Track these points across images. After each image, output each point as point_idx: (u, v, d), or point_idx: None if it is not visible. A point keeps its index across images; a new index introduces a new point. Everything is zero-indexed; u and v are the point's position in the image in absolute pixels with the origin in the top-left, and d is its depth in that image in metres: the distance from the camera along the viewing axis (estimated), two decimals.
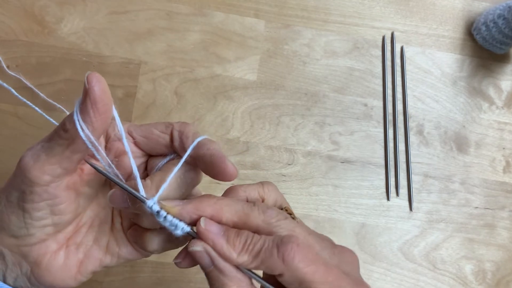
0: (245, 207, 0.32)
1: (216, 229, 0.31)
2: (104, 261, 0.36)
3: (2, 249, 0.33)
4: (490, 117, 0.67)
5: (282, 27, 0.65)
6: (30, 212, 0.32)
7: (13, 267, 0.34)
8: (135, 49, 0.63)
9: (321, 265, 0.30)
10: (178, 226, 0.31)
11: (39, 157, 0.31)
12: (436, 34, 0.67)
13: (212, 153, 0.33)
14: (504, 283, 0.64)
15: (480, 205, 0.65)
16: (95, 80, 0.30)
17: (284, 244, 0.30)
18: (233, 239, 0.31)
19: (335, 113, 0.65)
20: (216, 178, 0.33)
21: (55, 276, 0.34)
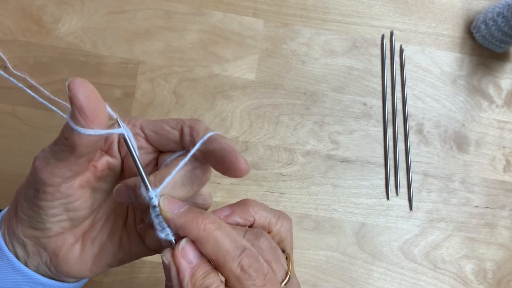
0: (229, 249, 0.30)
1: (190, 259, 0.30)
2: (118, 256, 0.37)
3: (24, 239, 0.34)
4: (490, 115, 0.67)
5: (281, 26, 0.65)
6: (45, 209, 0.33)
7: (33, 255, 0.35)
8: (133, 48, 0.62)
9: None
10: (164, 230, 0.31)
11: (49, 160, 0.31)
12: (435, 33, 0.67)
13: (223, 147, 0.31)
14: (505, 282, 0.64)
15: (480, 204, 0.65)
16: (76, 87, 0.28)
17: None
18: (197, 277, 0.30)
19: (334, 112, 0.64)
20: (227, 174, 0.32)
21: (71, 266, 0.35)
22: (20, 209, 0.34)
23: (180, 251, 0.30)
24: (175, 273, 0.30)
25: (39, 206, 0.33)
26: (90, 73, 0.61)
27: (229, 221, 0.34)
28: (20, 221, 0.34)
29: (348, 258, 0.62)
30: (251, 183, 0.62)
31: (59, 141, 0.31)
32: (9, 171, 0.59)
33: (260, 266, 0.30)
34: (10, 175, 0.59)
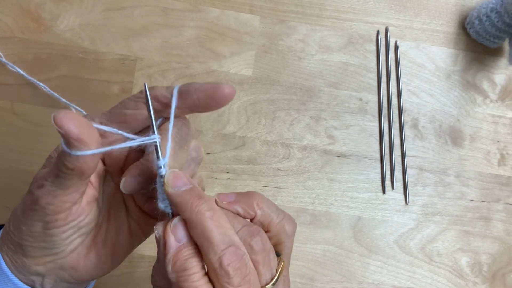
0: (215, 243, 0.29)
1: (179, 237, 0.30)
2: (133, 243, 0.38)
3: (37, 268, 0.35)
4: (484, 110, 0.67)
5: (277, 22, 0.65)
6: (59, 235, 0.33)
7: (49, 276, 0.35)
8: (131, 45, 0.63)
9: None
10: (164, 201, 0.31)
11: (55, 193, 0.31)
12: (430, 29, 0.68)
13: (197, 88, 0.32)
14: (500, 275, 0.65)
15: (475, 198, 0.66)
16: (64, 121, 0.27)
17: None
18: (178, 257, 0.30)
19: (330, 107, 0.65)
20: (216, 105, 0.32)
21: (92, 273, 0.36)
22: (27, 245, 0.33)
23: (171, 227, 0.30)
24: (162, 247, 0.30)
25: (51, 234, 0.33)
26: (88, 70, 0.62)
27: (230, 208, 0.34)
28: (29, 255, 0.34)
29: (344, 251, 0.63)
30: (248, 178, 0.62)
31: (61, 173, 0.30)
32: (7, 167, 0.60)
33: (242, 266, 0.29)
34: (8, 171, 0.60)
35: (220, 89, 0.32)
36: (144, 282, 0.60)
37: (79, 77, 0.62)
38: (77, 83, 0.62)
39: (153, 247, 0.60)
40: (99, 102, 0.61)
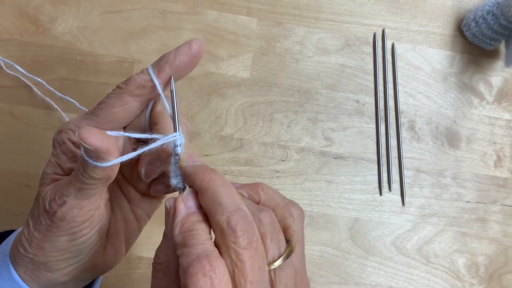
0: (223, 205, 0.29)
1: (189, 205, 0.30)
2: (141, 226, 0.40)
3: (63, 278, 0.36)
4: (481, 112, 0.68)
5: (275, 25, 0.66)
6: (85, 242, 0.34)
7: (72, 281, 0.37)
8: (129, 47, 0.63)
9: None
10: (177, 177, 0.33)
11: (80, 205, 0.32)
12: (427, 31, 0.68)
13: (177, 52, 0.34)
14: (497, 276, 0.65)
15: (472, 199, 0.66)
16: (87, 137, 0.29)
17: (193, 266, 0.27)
18: (187, 221, 0.29)
19: (327, 109, 0.65)
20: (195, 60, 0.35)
21: (111, 263, 0.38)
22: (52, 261, 0.34)
23: (182, 197, 0.31)
24: (172, 214, 0.30)
25: (78, 244, 0.34)
26: (86, 72, 0.62)
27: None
28: (55, 270, 0.35)
29: (342, 253, 0.63)
30: (246, 180, 0.63)
31: (87, 185, 0.31)
32: (5, 170, 0.60)
33: (249, 229, 0.28)
34: (5, 173, 0.60)
35: (193, 43, 0.34)
36: (142, 284, 0.60)
37: (77, 79, 0.62)
38: (75, 86, 0.62)
39: (151, 248, 0.60)
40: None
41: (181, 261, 0.27)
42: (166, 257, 0.30)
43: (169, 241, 0.30)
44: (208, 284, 0.26)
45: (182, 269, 0.27)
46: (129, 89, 0.34)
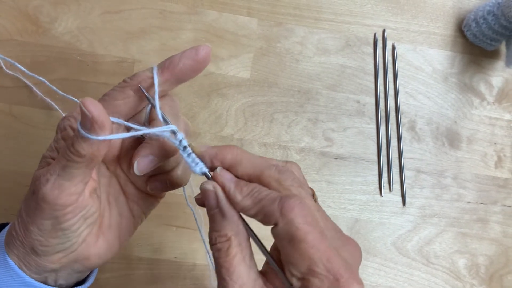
0: (263, 163, 0.33)
1: (229, 176, 0.33)
2: (136, 223, 0.40)
3: (52, 266, 0.36)
4: (482, 112, 0.67)
5: (275, 25, 0.66)
6: (69, 228, 0.34)
7: (64, 270, 0.37)
8: (129, 48, 0.63)
9: (317, 231, 0.30)
10: (198, 165, 0.33)
11: (62, 186, 0.32)
12: (427, 31, 0.68)
13: (182, 55, 0.36)
14: (497, 277, 0.65)
15: (472, 200, 0.66)
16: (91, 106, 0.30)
17: (287, 198, 0.30)
18: (242, 185, 0.32)
19: (328, 110, 0.65)
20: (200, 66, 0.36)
21: (103, 257, 0.38)
22: (38, 245, 0.34)
23: (220, 173, 0.33)
24: (220, 191, 0.32)
25: (62, 229, 0.34)
26: (86, 72, 0.62)
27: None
28: (42, 254, 0.35)
29: None
30: None
31: (70, 162, 0.32)
32: (5, 170, 0.60)
33: (294, 176, 0.33)
34: (5, 173, 0.60)
35: (200, 49, 0.35)
36: (143, 284, 0.60)
37: (77, 79, 0.62)
38: (75, 86, 0.62)
39: (151, 249, 0.60)
40: None
41: (268, 210, 0.30)
42: (231, 231, 0.32)
43: (227, 215, 0.32)
44: (307, 208, 0.30)
45: (275, 215, 0.30)
46: (132, 84, 0.36)
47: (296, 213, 0.29)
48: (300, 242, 0.29)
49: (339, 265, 0.29)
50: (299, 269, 0.29)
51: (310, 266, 0.29)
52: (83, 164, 0.32)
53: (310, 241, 0.29)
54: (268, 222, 0.30)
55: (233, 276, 0.31)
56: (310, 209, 0.30)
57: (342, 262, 0.29)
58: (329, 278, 0.29)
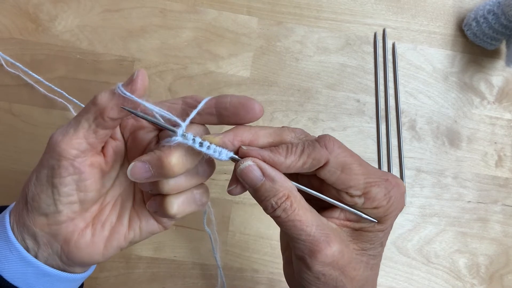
0: (276, 129, 0.35)
1: (258, 148, 0.34)
2: (128, 237, 0.38)
3: (35, 229, 0.35)
4: (482, 112, 0.67)
5: (275, 24, 0.66)
6: (58, 187, 0.34)
7: (44, 246, 0.36)
8: (128, 46, 0.63)
9: (352, 153, 0.34)
10: (222, 153, 0.34)
11: (67, 132, 0.34)
12: (427, 31, 0.68)
13: (234, 95, 0.35)
14: (498, 277, 0.65)
15: (472, 199, 0.66)
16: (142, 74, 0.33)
17: (322, 137, 0.34)
18: (276, 149, 0.34)
19: (328, 109, 0.65)
20: (244, 113, 0.35)
21: (83, 252, 0.37)
22: (30, 197, 0.35)
23: (248, 150, 0.34)
24: (260, 161, 0.33)
25: (52, 184, 0.34)
26: (86, 71, 0.62)
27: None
28: (31, 210, 0.35)
29: None
30: None
31: (82, 111, 0.34)
32: (5, 168, 0.60)
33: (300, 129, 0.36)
34: (5, 171, 0.60)
35: (252, 101, 0.35)
36: (142, 283, 0.60)
37: (78, 78, 0.62)
38: (76, 84, 0.62)
39: (151, 248, 0.60)
40: None
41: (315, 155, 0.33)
42: (286, 189, 0.34)
43: (276, 178, 0.33)
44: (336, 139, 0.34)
45: (323, 155, 0.33)
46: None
47: (338, 146, 0.34)
48: (352, 165, 0.34)
49: (378, 170, 0.35)
50: (359, 187, 0.34)
51: (366, 180, 0.34)
52: (91, 114, 0.33)
53: (357, 162, 0.34)
54: (318, 164, 0.33)
55: (308, 223, 0.33)
56: (338, 140, 0.35)
57: (376, 168, 0.35)
58: (382, 181, 0.34)
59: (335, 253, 0.33)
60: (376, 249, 0.36)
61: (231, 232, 0.62)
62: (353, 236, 0.36)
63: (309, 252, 0.34)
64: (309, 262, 0.34)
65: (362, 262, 0.35)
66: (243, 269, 0.62)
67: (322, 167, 0.34)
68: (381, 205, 0.34)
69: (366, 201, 0.34)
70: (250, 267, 0.62)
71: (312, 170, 0.34)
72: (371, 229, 0.35)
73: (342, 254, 0.34)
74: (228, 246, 0.62)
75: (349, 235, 0.36)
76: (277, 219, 0.34)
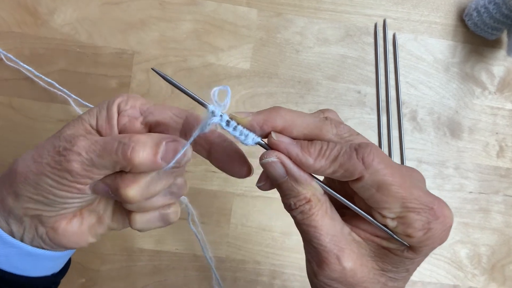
0: (316, 120, 0.32)
1: (288, 140, 0.31)
2: (112, 226, 0.38)
3: (22, 216, 0.35)
4: (483, 102, 0.67)
5: (274, 15, 0.65)
6: (64, 198, 0.34)
7: (29, 229, 0.35)
8: (128, 39, 0.63)
9: (397, 170, 0.30)
10: (248, 136, 0.31)
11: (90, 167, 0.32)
12: (428, 21, 0.68)
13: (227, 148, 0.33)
14: (499, 267, 0.65)
15: (474, 190, 0.66)
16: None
17: (363, 147, 0.30)
18: (307, 147, 0.31)
19: (328, 100, 0.65)
20: (229, 173, 0.33)
21: (68, 239, 0.36)
22: (26, 193, 0.33)
23: (277, 141, 0.31)
24: (286, 159, 0.31)
25: (57, 195, 0.33)
26: (86, 64, 0.62)
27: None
28: (21, 201, 0.34)
29: None
30: None
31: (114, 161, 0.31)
32: (4, 162, 0.60)
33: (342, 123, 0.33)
34: (4, 166, 0.60)
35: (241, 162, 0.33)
36: (144, 276, 0.60)
37: (77, 71, 0.62)
38: (75, 78, 0.62)
39: (152, 241, 0.60)
40: (97, 96, 0.61)
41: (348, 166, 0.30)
42: (308, 193, 0.31)
43: (300, 180, 0.31)
44: (381, 152, 0.30)
45: (358, 169, 0.30)
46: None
47: (378, 161, 0.30)
48: (390, 186, 0.30)
49: (426, 195, 0.31)
50: (393, 210, 0.30)
51: (404, 204, 0.30)
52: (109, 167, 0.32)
53: (398, 182, 0.30)
54: (350, 177, 0.30)
55: (323, 231, 0.31)
56: (382, 152, 0.31)
57: (425, 192, 0.31)
58: (424, 209, 0.30)
59: (345, 270, 0.31)
60: (399, 273, 0.33)
61: (233, 225, 0.62)
62: (376, 253, 0.33)
63: (317, 262, 0.32)
64: (316, 271, 0.32)
65: (379, 282, 0.33)
66: (245, 261, 0.62)
67: (355, 180, 0.30)
68: (415, 235, 0.30)
69: (400, 226, 0.31)
70: (252, 259, 0.62)
71: (344, 180, 0.31)
72: (399, 253, 0.32)
73: (353, 272, 0.32)
74: (230, 238, 0.62)
75: (373, 252, 0.33)
76: (293, 218, 0.33)
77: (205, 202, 0.62)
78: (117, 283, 0.60)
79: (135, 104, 0.36)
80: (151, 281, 0.60)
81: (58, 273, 0.40)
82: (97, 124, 0.35)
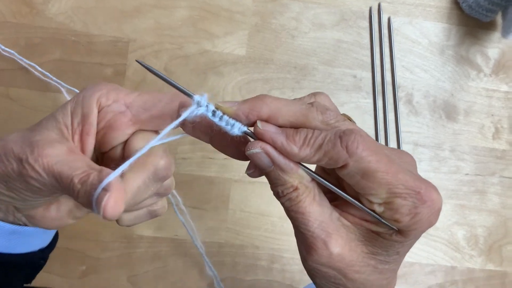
0: (302, 107, 0.31)
1: (274, 128, 0.31)
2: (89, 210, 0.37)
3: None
4: (478, 84, 0.67)
5: (270, 1, 0.65)
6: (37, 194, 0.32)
7: (7, 213, 0.35)
8: (123, 27, 0.63)
9: (384, 156, 0.30)
10: (235, 126, 0.31)
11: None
12: (423, 4, 0.68)
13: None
14: (496, 248, 0.66)
15: (470, 172, 0.66)
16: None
17: (347, 134, 0.29)
18: (292, 135, 0.31)
19: (324, 85, 0.65)
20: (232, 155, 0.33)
21: (48, 224, 0.36)
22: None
23: (262, 130, 0.31)
24: (270, 149, 0.30)
25: (28, 195, 0.32)
26: (81, 53, 0.62)
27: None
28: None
29: None
30: None
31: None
32: None
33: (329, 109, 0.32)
34: None
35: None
36: (143, 262, 0.61)
37: (72, 60, 0.62)
38: (71, 67, 0.62)
39: (152, 227, 0.61)
40: None
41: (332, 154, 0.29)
42: (295, 181, 0.31)
43: (286, 169, 0.31)
44: (367, 138, 0.30)
45: (342, 157, 0.29)
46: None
47: (362, 148, 0.29)
48: (375, 173, 0.30)
49: (413, 179, 0.30)
50: (380, 196, 0.30)
51: (390, 190, 0.30)
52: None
53: (383, 168, 0.30)
54: (335, 165, 0.30)
55: (311, 218, 0.31)
56: (368, 138, 0.30)
57: (413, 176, 0.31)
58: (411, 193, 0.30)
59: (332, 255, 0.31)
60: (389, 256, 0.33)
61: (231, 210, 0.62)
62: (366, 237, 0.33)
63: (306, 247, 0.32)
64: (305, 256, 0.32)
65: (369, 265, 0.33)
66: (244, 246, 0.62)
67: (341, 167, 0.30)
68: (402, 220, 0.30)
69: (387, 211, 0.31)
70: (251, 244, 0.62)
71: (330, 168, 0.31)
72: (388, 237, 0.32)
73: (341, 257, 0.32)
74: (229, 224, 0.62)
75: (362, 236, 0.33)
76: (282, 205, 0.32)
77: (203, 188, 0.62)
78: (117, 270, 0.61)
79: (118, 97, 0.34)
80: (151, 268, 0.61)
81: (45, 248, 0.40)
82: (72, 124, 0.33)
